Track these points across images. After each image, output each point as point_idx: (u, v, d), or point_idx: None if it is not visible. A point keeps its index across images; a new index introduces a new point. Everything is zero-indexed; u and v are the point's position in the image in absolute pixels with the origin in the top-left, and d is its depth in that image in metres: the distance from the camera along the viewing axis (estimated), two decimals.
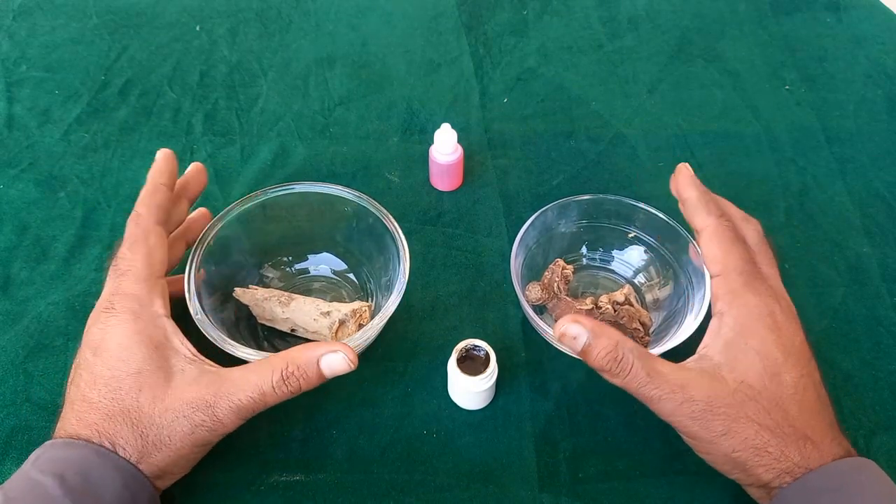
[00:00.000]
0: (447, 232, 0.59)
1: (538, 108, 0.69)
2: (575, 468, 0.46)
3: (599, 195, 0.54)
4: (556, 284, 0.52)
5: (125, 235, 0.45)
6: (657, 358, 0.40)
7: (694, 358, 0.42)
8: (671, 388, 0.39)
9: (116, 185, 0.61)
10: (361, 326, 0.49)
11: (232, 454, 0.46)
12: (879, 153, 0.66)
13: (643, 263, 0.55)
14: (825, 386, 0.41)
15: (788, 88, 0.71)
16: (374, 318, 0.47)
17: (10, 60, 0.71)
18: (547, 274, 0.53)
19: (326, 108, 0.68)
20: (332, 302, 0.51)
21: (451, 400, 0.49)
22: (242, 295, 0.51)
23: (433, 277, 0.56)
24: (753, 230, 0.46)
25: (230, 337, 0.45)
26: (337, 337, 0.49)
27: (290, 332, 0.51)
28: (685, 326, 0.48)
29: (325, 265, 0.56)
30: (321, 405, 0.49)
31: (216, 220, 0.50)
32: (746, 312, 0.41)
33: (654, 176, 0.63)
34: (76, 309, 0.53)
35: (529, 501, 0.45)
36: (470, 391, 0.47)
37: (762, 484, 0.39)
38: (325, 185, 0.52)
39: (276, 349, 0.51)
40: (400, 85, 0.71)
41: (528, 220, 0.52)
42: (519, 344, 0.52)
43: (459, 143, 0.59)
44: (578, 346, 0.40)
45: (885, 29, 0.78)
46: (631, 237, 0.55)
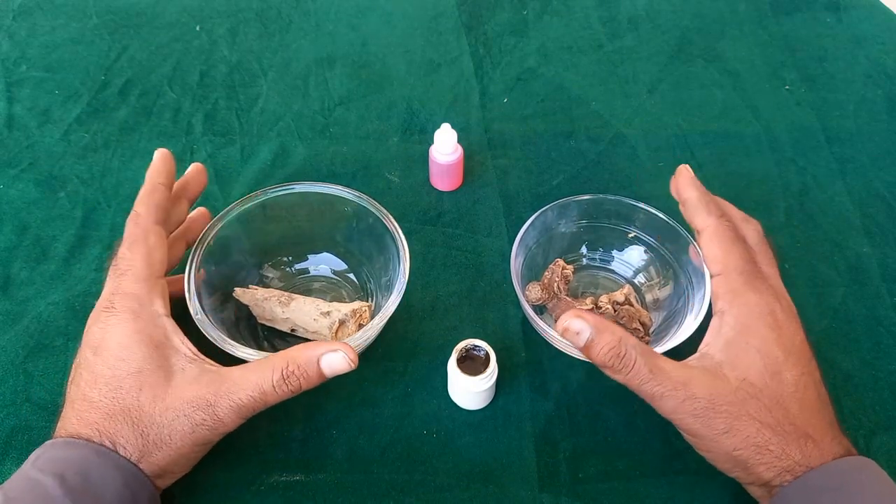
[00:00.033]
0: (447, 232, 0.59)
1: (538, 108, 0.69)
2: (575, 468, 0.46)
3: (599, 195, 0.54)
4: (556, 284, 0.52)
5: (124, 235, 0.45)
6: (659, 355, 0.40)
7: (695, 356, 0.42)
8: (673, 385, 0.39)
9: (116, 185, 0.61)
10: (361, 326, 0.49)
11: (232, 454, 0.46)
12: (879, 153, 0.66)
13: (643, 263, 0.55)
14: (825, 385, 0.41)
15: (788, 88, 0.71)
16: (374, 318, 0.47)
17: (10, 60, 0.71)
18: (547, 274, 0.53)
19: (326, 108, 0.68)
20: (332, 302, 0.51)
21: (451, 400, 0.49)
22: (242, 295, 0.51)
23: (433, 277, 0.56)
24: (753, 230, 0.46)
25: (230, 337, 0.45)
26: (337, 337, 0.49)
27: (290, 332, 0.51)
28: (685, 326, 0.48)
29: (325, 265, 0.56)
30: (321, 405, 0.49)
31: (216, 220, 0.50)
32: (747, 311, 0.42)
33: (654, 176, 0.63)
34: (76, 309, 0.53)
35: (529, 501, 0.45)
36: (470, 391, 0.47)
37: (763, 482, 0.39)
38: (325, 185, 0.52)
39: (276, 349, 0.51)
40: (400, 85, 0.71)
41: (528, 220, 0.52)
42: (519, 344, 0.52)
43: (459, 143, 0.59)
44: (581, 341, 0.40)
45: (885, 29, 0.78)
46: (631, 237, 0.55)
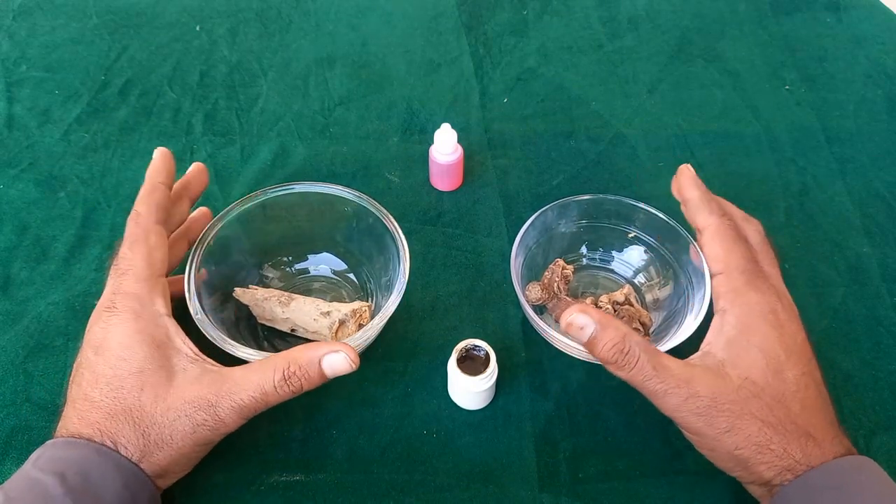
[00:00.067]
0: (447, 232, 0.59)
1: (538, 108, 0.69)
2: (575, 468, 0.46)
3: (599, 195, 0.54)
4: (556, 284, 0.52)
5: (125, 235, 0.45)
6: (663, 353, 0.40)
7: (697, 355, 0.42)
8: (676, 382, 0.39)
9: (116, 185, 0.61)
10: (361, 326, 0.49)
11: (232, 454, 0.46)
12: (879, 153, 0.66)
13: (643, 263, 0.55)
14: (825, 385, 0.41)
15: (788, 88, 0.71)
16: (374, 318, 0.47)
17: (10, 60, 0.71)
18: (547, 274, 0.53)
19: (326, 108, 0.68)
20: (332, 302, 0.51)
21: (451, 400, 0.49)
22: (242, 295, 0.51)
23: (433, 277, 0.56)
24: (755, 230, 0.46)
25: (230, 337, 0.45)
26: (337, 337, 0.49)
27: (290, 332, 0.51)
28: (685, 326, 0.48)
29: (325, 265, 0.56)
30: (321, 405, 0.49)
31: (216, 220, 0.50)
32: (749, 310, 0.42)
33: (654, 176, 0.63)
34: (76, 309, 0.53)
35: (529, 501, 0.45)
36: (470, 391, 0.47)
37: (763, 482, 0.39)
38: (325, 185, 0.52)
39: (276, 349, 0.51)
40: (400, 85, 0.71)
41: (528, 220, 0.52)
42: (519, 344, 0.52)
43: (459, 143, 0.59)
44: (585, 336, 0.40)
45: (885, 29, 0.78)
46: (631, 237, 0.55)
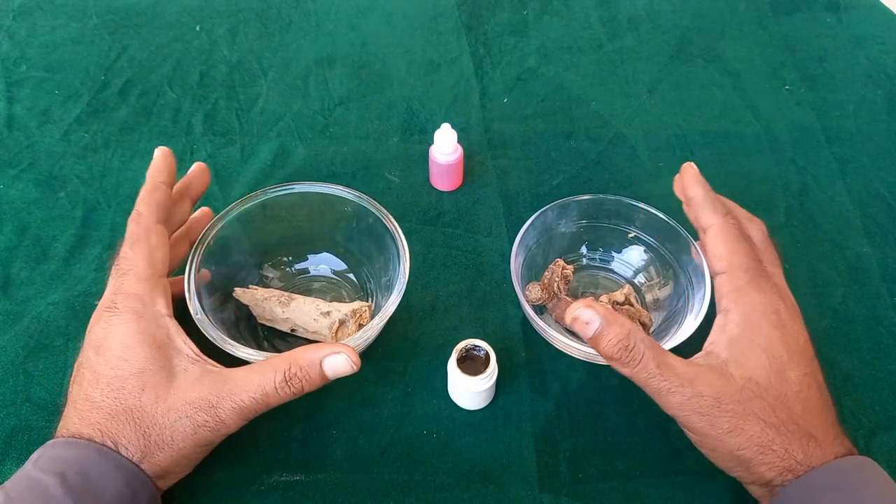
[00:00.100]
0: (447, 232, 0.59)
1: (538, 108, 0.69)
2: (575, 468, 0.46)
3: (599, 195, 0.54)
4: (556, 284, 0.52)
5: (126, 235, 0.45)
6: (667, 351, 0.40)
7: (701, 354, 0.42)
8: (680, 381, 0.39)
9: (116, 185, 0.61)
10: (361, 326, 0.49)
11: (232, 454, 0.46)
12: (879, 153, 0.66)
13: (643, 263, 0.55)
14: (827, 385, 0.41)
15: (788, 88, 0.71)
16: (374, 318, 0.47)
17: (10, 60, 0.71)
18: (547, 274, 0.53)
19: (326, 108, 0.68)
20: (332, 302, 0.51)
21: (451, 400, 0.49)
22: (242, 295, 0.51)
23: (433, 277, 0.56)
24: (758, 230, 0.46)
25: (230, 337, 0.45)
26: (337, 337, 0.49)
27: (290, 332, 0.51)
28: (685, 326, 0.48)
29: (325, 265, 0.56)
30: (321, 405, 0.49)
31: (216, 219, 0.50)
32: (752, 310, 0.41)
33: (654, 176, 0.63)
34: (76, 309, 0.53)
35: (529, 501, 0.45)
36: (470, 391, 0.47)
37: (764, 482, 0.39)
38: (325, 185, 0.52)
39: (276, 349, 0.51)
40: (400, 85, 0.71)
41: (528, 220, 0.52)
42: (519, 344, 0.52)
43: (459, 143, 0.59)
44: (590, 331, 0.40)
45: (885, 29, 0.78)
46: (631, 237, 0.55)
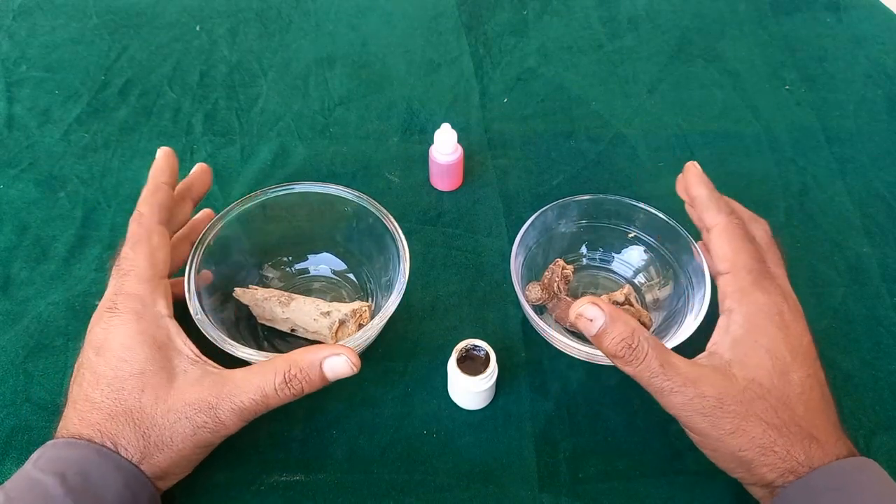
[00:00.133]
0: (447, 232, 0.59)
1: (538, 108, 0.69)
2: (575, 468, 0.46)
3: (599, 195, 0.54)
4: (556, 284, 0.52)
5: (128, 235, 0.44)
6: (671, 351, 0.40)
7: (704, 355, 0.42)
8: (683, 381, 0.39)
9: (116, 185, 0.61)
10: (361, 326, 0.49)
11: (232, 454, 0.46)
12: (879, 153, 0.66)
13: (643, 263, 0.55)
14: (829, 387, 0.41)
15: (788, 88, 0.71)
16: (374, 318, 0.47)
17: (10, 60, 0.71)
18: (547, 274, 0.53)
19: (326, 108, 0.68)
20: (332, 302, 0.51)
21: (451, 400, 0.49)
22: (242, 295, 0.51)
23: (433, 277, 0.56)
24: (762, 230, 0.46)
25: (230, 337, 0.45)
26: (337, 337, 0.49)
27: (290, 332, 0.51)
28: (685, 326, 0.48)
29: (325, 265, 0.56)
30: (321, 405, 0.49)
31: (216, 220, 0.50)
32: (756, 310, 0.41)
33: (654, 176, 0.63)
34: (76, 309, 0.53)
35: (529, 501, 0.45)
36: (470, 391, 0.47)
37: (765, 483, 0.39)
38: (325, 185, 0.52)
39: (276, 349, 0.51)
40: (400, 85, 0.71)
41: (528, 220, 0.52)
42: (519, 344, 0.52)
43: (459, 143, 0.59)
44: (594, 329, 0.40)
45: (885, 29, 0.78)
46: (631, 237, 0.55)
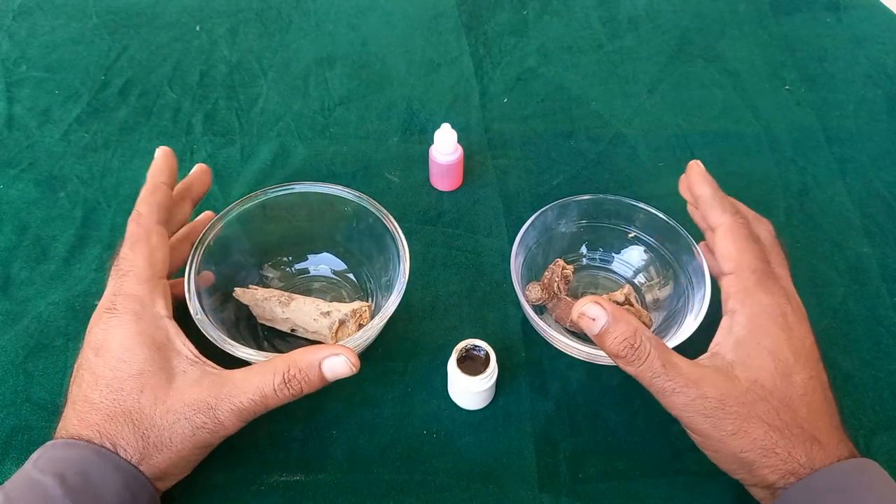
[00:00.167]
0: (447, 232, 0.59)
1: (538, 108, 0.69)
2: (575, 468, 0.46)
3: (599, 195, 0.54)
4: (556, 284, 0.52)
5: (126, 235, 0.44)
6: (673, 351, 0.40)
7: (706, 355, 0.42)
8: (685, 382, 0.39)
9: (116, 185, 0.61)
10: (361, 326, 0.49)
11: (232, 454, 0.46)
12: (879, 153, 0.66)
13: (643, 263, 0.55)
14: (831, 388, 0.41)
15: (788, 88, 0.71)
16: (374, 318, 0.47)
17: (10, 60, 0.71)
18: (547, 274, 0.53)
19: (326, 108, 0.68)
20: (332, 302, 0.51)
21: (451, 400, 0.49)
22: (242, 295, 0.51)
23: (433, 277, 0.56)
24: (766, 230, 0.46)
25: (230, 337, 0.45)
26: (337, 337, 0.49)
27: (290, 332, 0.51)
28: (685, 326, 0.48)
29: (325, 265, 0.56)
30: (321, 405, 0.49)
31: (216, 220, 0.50)
32: (759, 312, 0.41)
33: (654, 176, 0.63)
34: (76, 309, 0.53)
35: (529, 501, 0.45)
36: (470, 391, 0.47)
37: (766, 485, 0.39)
38: (325, 185, 0.52)
39: (276, 349, 0.51)
40: (400, 85, 0.71)
41: (528, 220, 0.52)
42: (519, 344, 0.52)
43: (459, 143, 0.59)
44: (596, 328, 0.40)
45: (885, 29, 0.78)
46: (631, 237, 0.55)
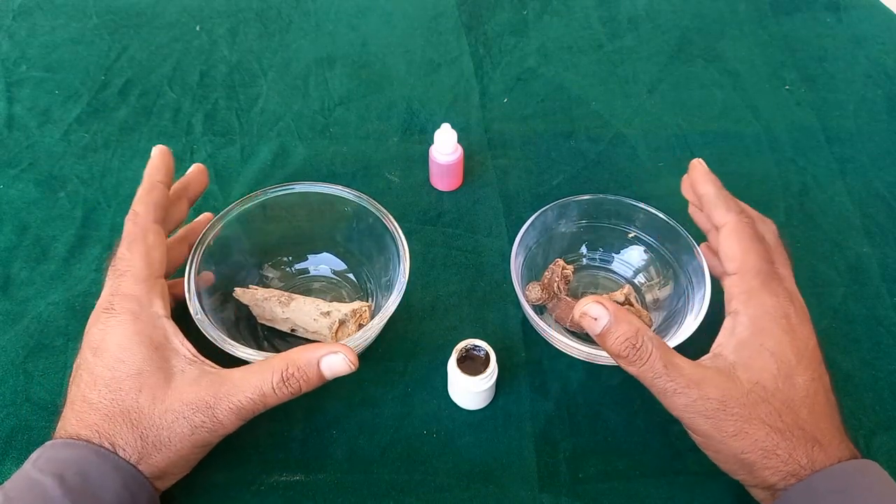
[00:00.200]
0: (447, 232, 0.59)
1: (538, 108, 0.69)
2: (575, 468, 0.46)
3: (599, 195, 0.54)
4: (556, 284, 0.52)
5: (123, 235, 0.44)
6: (675, 352, 0.40)
7: (708, 356, 0.42)
8: (687, 382, 0.38)
9: (116, 185, 0.61)
10: (361, 326, 0.49)
11: (232, 454, 0.46)
12: (879, 153, 0.66)
13: (643, 263, 0.55)
14: (833, 390, 0.41)
15: (788, 88, 0.71)
16: (374, 318, 0.47)
17: (10, 60, 0.71)
18: (547, 274, 0.53)
19: (326, 108, 0.68)
20: (332, 302, 0.51)
21: (451, 400, 0.49)
22: (242, 295, 0.51)
23: (433, 277, 0.56)
24: (769, 231, 0.46)
25: (230, 337, 0.45)
26: (337, 337, 0.49)
27: (290, 332, 0.51)
28: (685, 326, 0.48)
29: (325, 265, 0.56)
30: (321, 405, 0.49)
31: (216, 220, 0.50)
32: (762, 313, 0.41)
33: (654, 176, 0.63)
34: (76, 309, 0.53)
35: (529, 501, 0.45)
36: (470, 391, 0.47)
37: (767, 486, 0.39)
38: (325, 185, 0.52)
39: (276, 349, 0.51)
40: (400, 85, 0.71)
41: (528, 220, 0.52)
42: (519, 344, 0.52)
43: (459, 143, 0.59)
44: (598, 327, 0.40)
45: (885, 29, 0.78)
46: (631, 237, 0.55)
